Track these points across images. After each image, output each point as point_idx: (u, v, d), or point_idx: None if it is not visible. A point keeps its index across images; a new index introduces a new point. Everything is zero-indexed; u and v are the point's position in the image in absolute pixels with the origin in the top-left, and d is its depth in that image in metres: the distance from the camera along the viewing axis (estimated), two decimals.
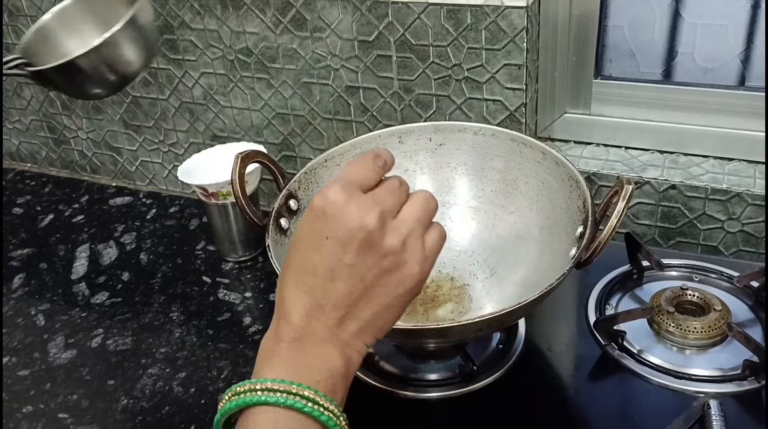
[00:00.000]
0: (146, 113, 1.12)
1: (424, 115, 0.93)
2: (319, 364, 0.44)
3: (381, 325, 0.46)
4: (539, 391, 0.70)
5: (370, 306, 0.45)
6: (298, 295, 0.45)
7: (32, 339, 0.86)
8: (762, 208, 0.83)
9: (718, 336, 0.71)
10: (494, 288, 0.76)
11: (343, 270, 0.44)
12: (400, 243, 0.44)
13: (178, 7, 0.98)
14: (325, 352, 0.45)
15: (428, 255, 0.46)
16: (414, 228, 0.45)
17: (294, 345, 0.45)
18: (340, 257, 0.44)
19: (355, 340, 0.46)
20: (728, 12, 0.85)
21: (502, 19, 0.82)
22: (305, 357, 0.44)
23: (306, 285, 0.45)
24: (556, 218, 0.72)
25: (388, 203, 0.45)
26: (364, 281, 0.44)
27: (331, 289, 0.44)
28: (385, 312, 0.46)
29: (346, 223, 0.43)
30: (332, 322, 0.45)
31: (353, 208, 0.44)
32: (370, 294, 0.45)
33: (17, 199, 1.19)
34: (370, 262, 0.44)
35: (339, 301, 0.45)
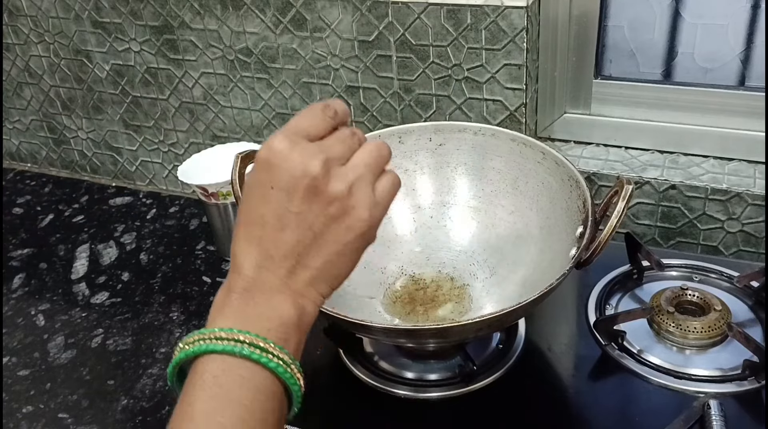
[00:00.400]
0: (146, 113, 1.12)
1: (424, 115, 0.93)
2: (270, 312, 0.44)
3: (335, 274, 0.46)
4: (539, 391, 0.70)
5: (320, 254, 0.45)
6: (248, 247, 0.45)
7: (32, 339, 0.86)
8: (762, 208, 0.83)
9: (718, 336, 0.71)
10: (494, 288, 0.76)
11: (290, 219, 0.44)
12: (346, 189, 0.44)
13: (178, 7, 0.98)
14: (276, 301, 0.44)
15: (378, 200, 0.46)
16: (363, 173, 0.45)
17: (245, 295, 0.44)
18: (286, 206, 0.44)
19: (308, 289, 0.45)
20: (728, 12, 0.85)
21: (502, 19, 0.82)
22: (256, 306, 0.44)
23: (255, 236, 0.45)
24: (556, 218, 0.72)
25: (334, 150, 0.45)
26: (312, 229, 0.44)
27: (279, 238, 0.44)
28: (337, 259, 0.45)
29: (290, 171, 0.43)
30: (283, 272, 0.44)
31: (296, 156, 0.43)
32: (319, 241, 0.44)
33: (17, 199, 1.19)
34: (316, 209, 0.44)
35: (288, 250, 0.44)
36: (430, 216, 0.81)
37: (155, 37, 1.03)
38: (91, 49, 1.09)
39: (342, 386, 0.72)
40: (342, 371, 0.73)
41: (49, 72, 1.15)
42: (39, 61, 1.15)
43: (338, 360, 0.74)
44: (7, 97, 1.22)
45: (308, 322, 0.46)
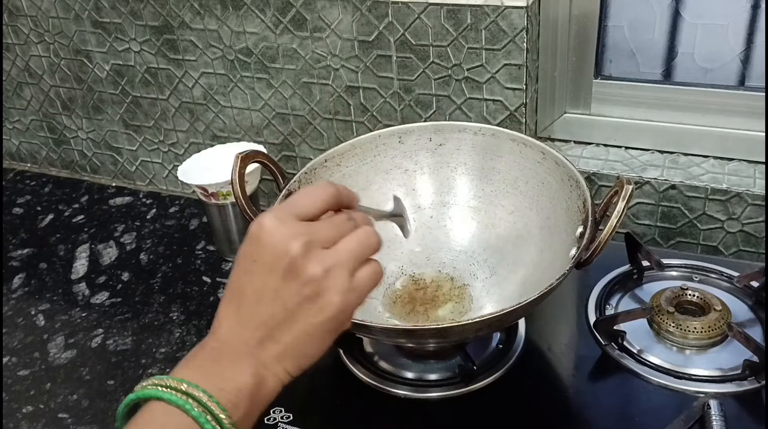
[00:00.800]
0: (146, 113, 1.12)
1: (424, 115, 0.93)
2: (229, 375, 0.45)
3: (303, 352, 0.47)
4: (539, 391, 0.70)
5: (291, 331, 0.46)
6: (227, 311, 0.47)
7: (32, 339, 0.86)
8: (762, 208, 0.83)
9: (718, 336, 0.71)
10: (494, 288, 0.76)
11: (266, 293, 0.46)
12: (322, 271, 0.45)
13: (178, 7, 0.98)
14: (238, 366, 0.46)
15: (354, 287, 0.47)
16: (343, 260, 0.46)
17: (212, 353, 0.46)
18: (265, 281, 0.46)
19: (274, 363, 0.47)
20: (728, 12, 0.85)
21: (502, 19, 0.82)
22: (218, 366, 0.46)
23: (234, 306, 0.47)
24: (556, 218, 0.72)
25: (321, 233, 0.47)
26: (286, 306, 0.46)
27: (255, 310, 0.46)
28: (307, 339, 0.47)
29: (272, 249, 0.45)
30: (253, 342, 0.46)
31: (281, 235, 0.45)
32: (291, 319, 0.46)
33: (17, 199, 1.19)
34: (292, 287, 0.45)
35: (261, 322, 0.46)
36: (430, 216, 0.81)
37: (155, 37, 1.03)
38: (91, 49, 1.09)
39: (342, 386, 0.72)
40: (342, 371, 0.73)
41: (49, 72, 1.15)
42: (39, 61, 1.15)
43: (338, 360, 0.74)
44: (7, 97, 1.22)
45: (266, 396, 0.47)
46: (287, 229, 0.46)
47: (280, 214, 0.46)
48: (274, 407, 0.68)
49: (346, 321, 0.48)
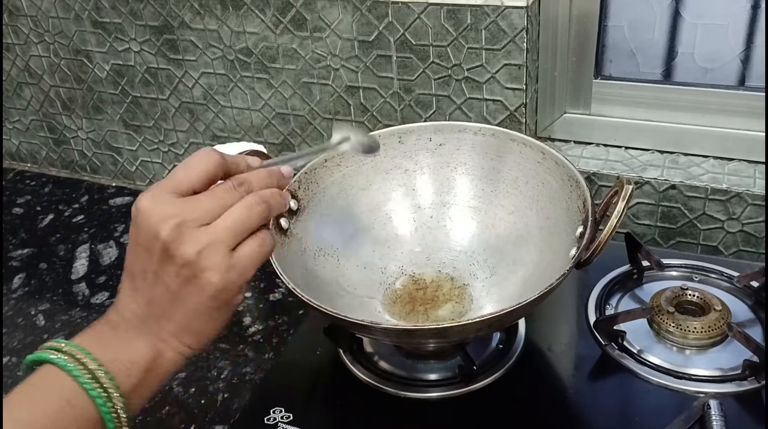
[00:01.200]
0: (146, 113, 1.12)
1: (424, 115, 0.93)
2: (125, 347, 0.46)
3: (198, 329, 0.47)
4: (539, 391, 0.70)
5: (179, 310, 0.46)
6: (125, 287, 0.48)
7: (32, 339, 0.86)
8: (762, 208, 0.83)
9: (718, 336, 0.71)
10: (494, 288, 0.76)
11: (149, 275, 0.46)
12: (195, 253, 0.45)
13: (178, 7, 0.98)
14: (136, 339, 0.46)
15: (235, 264, 0.46)
16: (220, 237, 0.46)
17: (110, 325, 0.47)
18: (146, 263, 0.46)
19: (171, 338, 0.47)
20: (728, 12, 0.85)
21: (502, 19, 0.82)
22: (114, 337, 0.46)
23: (129, 280, 0.48)
24: (556, 218, 0.72)
25: (196, 211, 0.46)
26: (169, 288, 0.46)
27: (144, 289, 0.47)
28: (198, 316, 0.47)
29: (146, 232, 0.46)
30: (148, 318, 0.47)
31: (153, 217, 0.45)
32: (176, 299, 0.46)
33: (17, 199, 1.19)
34: (170, 270, 0.46)
35: (151, 300, 0.47)
36: (430, 216, 0.81)
37: (155, 37, 1.03)
38: (91, 49, 1.09)
39: (342, 386, 0.72)
40: (342, 371, 0.73)
41: (49, 72, 1.15)
42: (39, 61, 1.15)
43: (338, 360, 0.74)
44: (7, 97, 1.22)
45: (164, 367, 0.47)
46: (160, 211, 0.45)
47: (156, 193, 0.46)
48: (274, 407, 0.68)
49: (234, 296, 0.47)
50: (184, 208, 0.46)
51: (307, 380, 0.73)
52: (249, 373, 0.78)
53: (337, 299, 0.72)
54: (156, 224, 0.45)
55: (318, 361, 0.75)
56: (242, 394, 0.75)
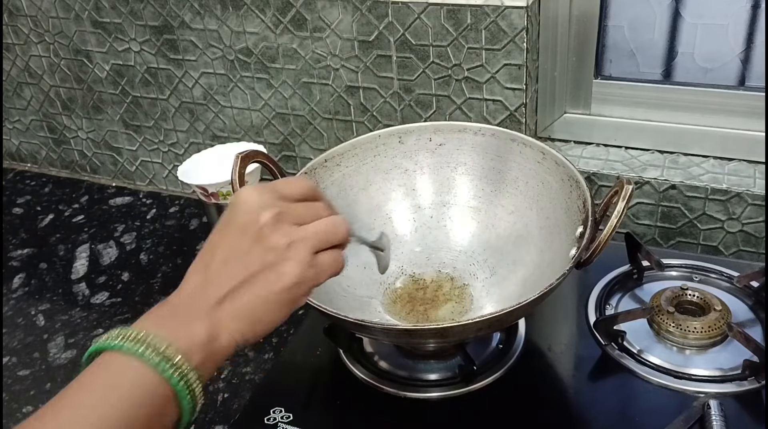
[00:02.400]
0: (146, 113, 1.12)
1: (424, 115, 0.93)
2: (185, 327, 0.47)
3: (258, 317, 0.49)
4: (539, 391, 0.70)
5: (248, 293, 0.48)
6: (195, 269, 0.50)
7: (32, 339, 0.86)
8: (762, 208, 0.83)
9: (718, 336, 0.71)
10: (494, 288, 0.76)
11: (234, 254, 0.49)
12: (286, 242, 0.48)
13: (178, 7, 0.98)
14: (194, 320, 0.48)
15: (314, 264, 0.49)
16: (308, 237, 0.49)
17: (171, 308, 0.49)
18: (235, 242, 0.49)
19: (228, 322, 0.48)
20: (728, 12, 0.85)
21: (502, 19, 0.82)
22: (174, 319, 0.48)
23: (204, 263, 0.50)
24: (556, 218, 0.72)
25: (293, 211, 0.50)
26: (249, 269, 0.48)
27: (221, 268, 0.49)
28: (262, 304, 0.49)
29: (246, 215, 0.49)
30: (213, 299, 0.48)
31: (256, 204, 0.49)
32: (251, 282, 0.48)
33: (17, 199, 1.19)
34: (258, 252, 0.48)
35: (224, 280, 0.49)
36: (430, 216, 0.81)
37: (155, 37, 1.03)
38: (91, 49, 1.09)
39: (342, 386, 0.72)
40: (342, 371, 0.73)
41: (49, 72, 1.15)
42: (39, 61, 1.15)
43: (338, 360, 0.74)
44: (7, 97, 1.22)
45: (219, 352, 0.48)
46: (263, 200, 0.49)
47: (260, 189, 0.50)
48: (274, 407, 0.68)
49: (302, 296, 0.50)
50: (284, 205, 0.50)
51: (307, 380, 0.73)
52: (249, 373, 0.78)
53: (337, 299, 0.72)
54: (258, 210, 0.49)
55: (318, 361, 0.75)
56: (242, 394, 0.75)
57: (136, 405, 0.44)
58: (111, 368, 0.45)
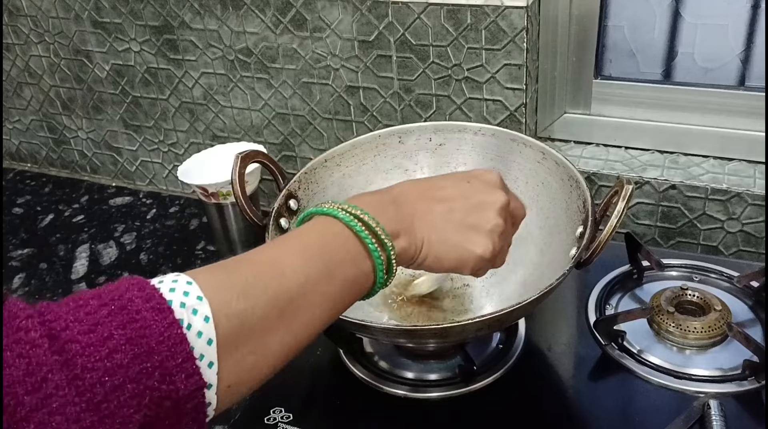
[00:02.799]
0: (146, 113, 1.12)
1: (424, 115, 0.93)
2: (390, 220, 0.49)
3: (443, 238, 0.52)
4: (539, 391, 0.70)
5: (445, 232, 0.52)
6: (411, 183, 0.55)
7: None
8: (762, 208, 0.83)
9: (718, 336, 0.71)
10: (494, 288, 0.76)
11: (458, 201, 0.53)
12: (500, 227, 0.53)
13: (178, 7, 0.98)
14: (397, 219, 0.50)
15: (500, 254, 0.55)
16: (508, 236, 0.56)
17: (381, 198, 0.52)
18: (466, 195, 0.54)
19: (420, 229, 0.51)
20: (728, 12, 0.85)
21: (502, 19, 0.82)
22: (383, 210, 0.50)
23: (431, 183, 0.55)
24: (556, 218, 0.72)
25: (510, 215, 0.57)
26: (460, 219, 0.53)
27: (439, 197, 0.53)
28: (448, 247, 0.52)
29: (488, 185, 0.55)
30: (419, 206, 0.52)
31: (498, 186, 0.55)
32: (451, 228, 0.52)
33: (17, 199, 1.19)
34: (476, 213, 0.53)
35: (434, 208, 0.52)
36: None
37: (155, 37, 1.03)
38: (91, 49, 1.09)
39: (342, 386, 0.72)
40: (342, 371, 0.73)
41: (49, 72, 1.15)
42: (39, 61, 1.15)
43: (338, 360, 0.74)
44: (7, 97, 1.22)
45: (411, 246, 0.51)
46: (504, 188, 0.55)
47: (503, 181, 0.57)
48: (274, 407, 0.68)
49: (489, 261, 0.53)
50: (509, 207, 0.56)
51: (307, 380, 0.73)
52: None
53: None
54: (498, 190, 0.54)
55: (318, 361, 0.75)
56: None
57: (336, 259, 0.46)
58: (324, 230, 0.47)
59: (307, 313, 0.44)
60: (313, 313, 0.44)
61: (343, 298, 0.47)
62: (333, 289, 0.46)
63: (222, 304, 0.39)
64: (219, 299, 0.39)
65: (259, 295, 0.41)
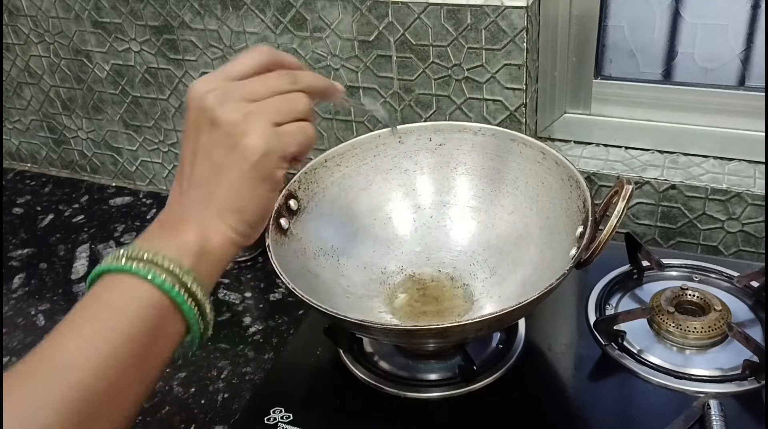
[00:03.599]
0: (146, 113, 1.12)
1: (424, 115, 0.93)
2: (173, 237, 0.46)
3: (239, 205, 0.47)
4: (539, 391, 0.70)
5: (221, 183, 0.47)
6: (174, 187, 0.50)
7: (32, 339, 0.86)
8: (762, 208, 0.83)
9: (718, 336, 0.71)
10: (494, 288, 0.76)
11: (196, 152, 0.47)
12: (240, 117, 0.46)
13: (178, 7, 0.98)
14: (181, 228, 0.46)
15: (278, 133, 0.47)
16: (264, 109, 0.47)
17: (158, 224, 0.48)
18: (194, 140, 0.48)
19: (214, 219, 0.47)
20: (728, 12, 0.85)
21: (502, 19, 0.82)
22: (162, 231, 0.47)
23: (179, 176, 0.49)
24: (556, 218, 0.72)
25: (243, 88, 0.47)
26: (212, 160, 0.47)
27: (191, 171, 0.48)
28: (239, 191, 0.47)
29: (195, 108, 0.47)
30: (192, 204, 0.47)
31: (201, 92, 0.47)
32: (219, 171, 0.47)
33: (17, 199, 1.19)
34: (215, 138, 0.46)
35: (195, 180, 0.47)
36: (430, 216, 0.81)
37: (155, 37, 1.03)
38: (91, 49, 1.09)
39: (342, 386, 0.72)
40: (342, 371, 0.73)
41: (49, 72, 1.15)
42: (39, 61, 1.15)
43: (338, 360, 0.74)
44: (7, 97, 1.22)
45: (213, 252, 0.47)
46: (208, 86, 0.47)
47: (207, 77, 0.48)
48: (274, 407, 0.68)
49: (275, 169, 0.48)
50: (232, 85, 0.47)
51: (307, 380, 0.73)
52: (249, 373, 0.78)
53: (337, 299, 0.72)
54: (202, 96, 0.47)
55: (318, 361, 0.75)
56: (242, 394, 0.75)
57: (135, 320, 0.42)
58: (104, 289, 0.44)
59: None
60: None
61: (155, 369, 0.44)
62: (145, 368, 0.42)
63: None
64: None
65: None
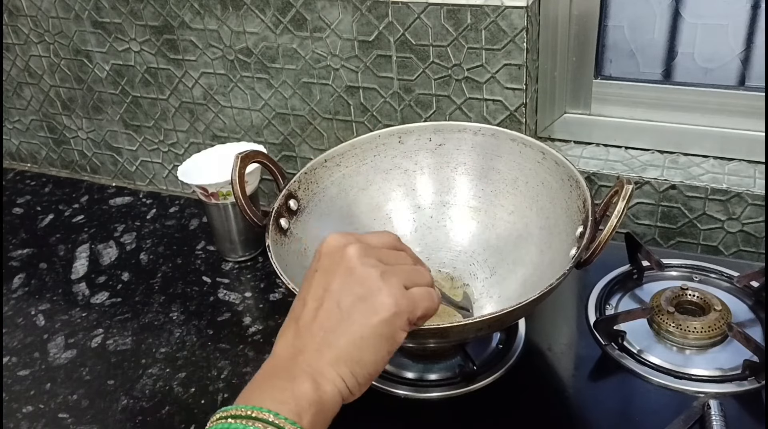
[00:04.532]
0: (146, 113, 1.12)
1: (424, 115, 0.93)
2: (288, 387, 0.45)
3: (358, 358, 0.47)
4: (539, 391, 0.70)
5: (345, 334, 0.46)
6: (287, 328, 0.49)
7: (32, 339, 0.86)
8: (762, 208, 0.83)
9: (718, 336, 0.71)
10: (494, 288, 0.76)
11: (323, 296, 0.47)
12: (377, 273, 0.47)
13: (178, 7, 0.98)
14: (295, 377, 0.46)
15: (408, 295, 0.48)
16: (397, 271, 0.48)
17: (269, 371, 0.47)
18: (323, 286, 0.48)
19: (328, 369, 0.46)
20: (728, 12, 0.85)
21: (502, 19, 0.82)
22: (275, 381, 0.46)
23: (294, 317, 0.48)
24: (556, 218, 0.72)
25: (379, 252, 0.49)
26: (340, 307, 0.47)
27: (313, 316, 0.47)
28: (361, 342, 0.46)
29: (332, 255, 0.48)
30: (308, 350, 0.47)
31: (340, 243, 0.49)
32: (345, 320, 0.46)
33: (17, 199, 1.19)
34: (348, 286, 0.47)
35: (317, 326, 0.47)
36: (430, 216, 0.81)
37: (155, 37, 1.03)
38: (91, 49, 1.09)
39: None
40: None
41: (49, 72, 1.15)
42: (39, 61, 1.15)
43: None
44: (7, 97, 1.22)
45: (327, 403, 0.46)
46: (347, 240, 0.49)
47: (343, 233, 0.49)
48: None
49: (400, 330, 0.47)
50: (369, 245, 0.49)
51: None
52: (249, 373, 0.78)
53: None
54: (344, 247, 0.48)
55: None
56: None
57: None
58: None
59: None
60: None
61: None
62: None
63: None
64: None
65: None
